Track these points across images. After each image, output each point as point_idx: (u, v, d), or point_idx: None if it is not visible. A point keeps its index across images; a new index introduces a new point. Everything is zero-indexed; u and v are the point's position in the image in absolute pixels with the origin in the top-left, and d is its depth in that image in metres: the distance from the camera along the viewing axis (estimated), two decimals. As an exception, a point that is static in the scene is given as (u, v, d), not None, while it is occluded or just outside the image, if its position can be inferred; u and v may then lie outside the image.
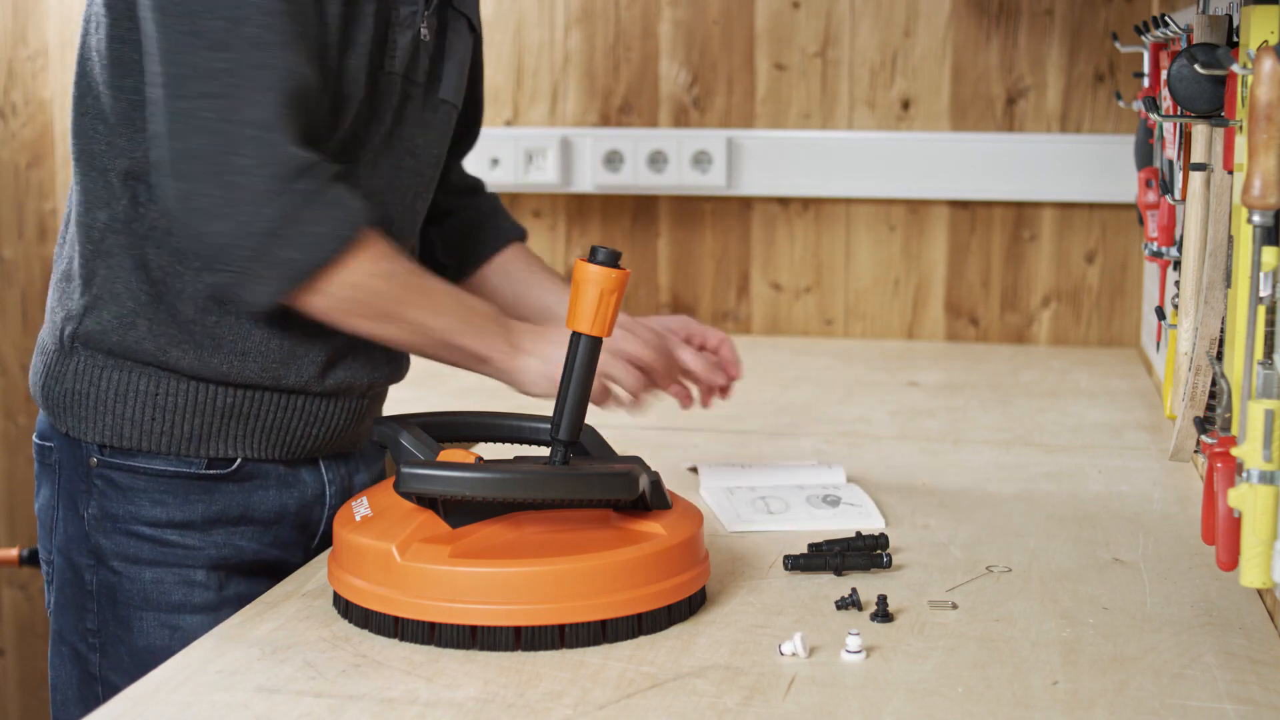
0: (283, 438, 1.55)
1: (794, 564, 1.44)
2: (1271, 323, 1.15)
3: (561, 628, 1.25)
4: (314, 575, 1.45)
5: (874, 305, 2.84)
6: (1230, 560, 1.20)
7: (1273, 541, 1.14)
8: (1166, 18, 1.87)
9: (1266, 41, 1.25)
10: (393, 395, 1.72)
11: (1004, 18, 2.74)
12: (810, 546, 1.48)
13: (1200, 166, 1.64)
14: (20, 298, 3.09)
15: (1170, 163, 1.91)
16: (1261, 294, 1.15)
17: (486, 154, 2.82)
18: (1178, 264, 1.88)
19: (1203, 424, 1.32)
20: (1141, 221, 2.07)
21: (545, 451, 1.41)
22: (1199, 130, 1.67)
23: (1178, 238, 1.90)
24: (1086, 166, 2.72)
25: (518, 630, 1.25)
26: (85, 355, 1.50)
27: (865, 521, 1.61)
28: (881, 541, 1.49)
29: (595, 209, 2.91)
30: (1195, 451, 1.83)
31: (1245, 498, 1.14)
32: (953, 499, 1.73)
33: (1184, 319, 1.78)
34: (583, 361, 1.36)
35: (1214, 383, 1.41)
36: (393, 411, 1.52)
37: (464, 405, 1.57)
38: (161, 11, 1.36)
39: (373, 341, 1.50)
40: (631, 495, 1.32)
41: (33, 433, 1.62)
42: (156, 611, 1.52)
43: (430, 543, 1.28)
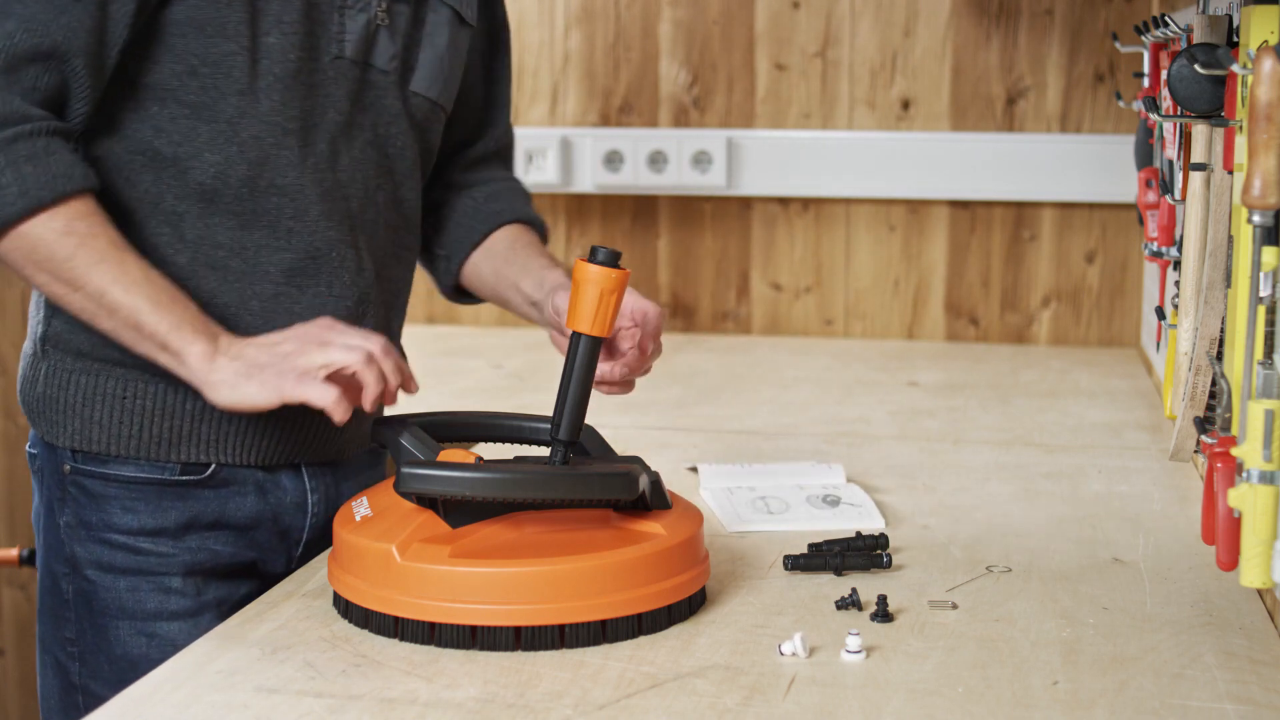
0: (259, 443, 1.52)
1: (794, 564, 1.44)
2: (1271, 323, 1.15)
3: (561, 628, 1.25)
4: (314, 575, 1.45)
5: (874, 305, 2.84)
6: (1230, 560, 1.20)
7: (1273, 541, 1.14)
8: (1166, 18, 1.87)
9: (1266, 41, 1.25)
10: (392, 395, 1.71)
11: (1004, 18, 2.74)
12: (810, 546, 1.48)
13: (1200, 166, 1.64)
14: (20, 298, 3.09)
15: (1170, 163, 1.91)
16: (1261, 294, 1.15)
17: (486, 154, 2.82)
18: (1178, 264, 1.88)
19: (1203, 424, 1.32)
20: (1141, 221, 2.07)
21: (545, 452, 1.41)
22: (1199, 130, 1.67)
23: (1178, 238, 1.90)
24: (1086, 166, 2.72)
25: (517, 630, 1.25)
26: (56, 358, 1.49)
27: (865, 521, 1.61)
28: (881, 541, 1.49)
29: (595, 209, 2.91)
30: (1195, 451, 1.83)
31: (1245, 498, 1.14)
32: (953, 499, 1.73)
33: (1184, 319, 1.78)
34: (583, 361, 1.36)
35: (1214, 383, 1.41)
36: (392, 412, 1.52)
37: (464, 405, 1.57)
38: None
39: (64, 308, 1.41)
40: (631, 495, 1.32)
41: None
42: (133, 620, 1.50)
43: (430, 543, 1.28)
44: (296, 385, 1.35)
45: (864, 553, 1.46)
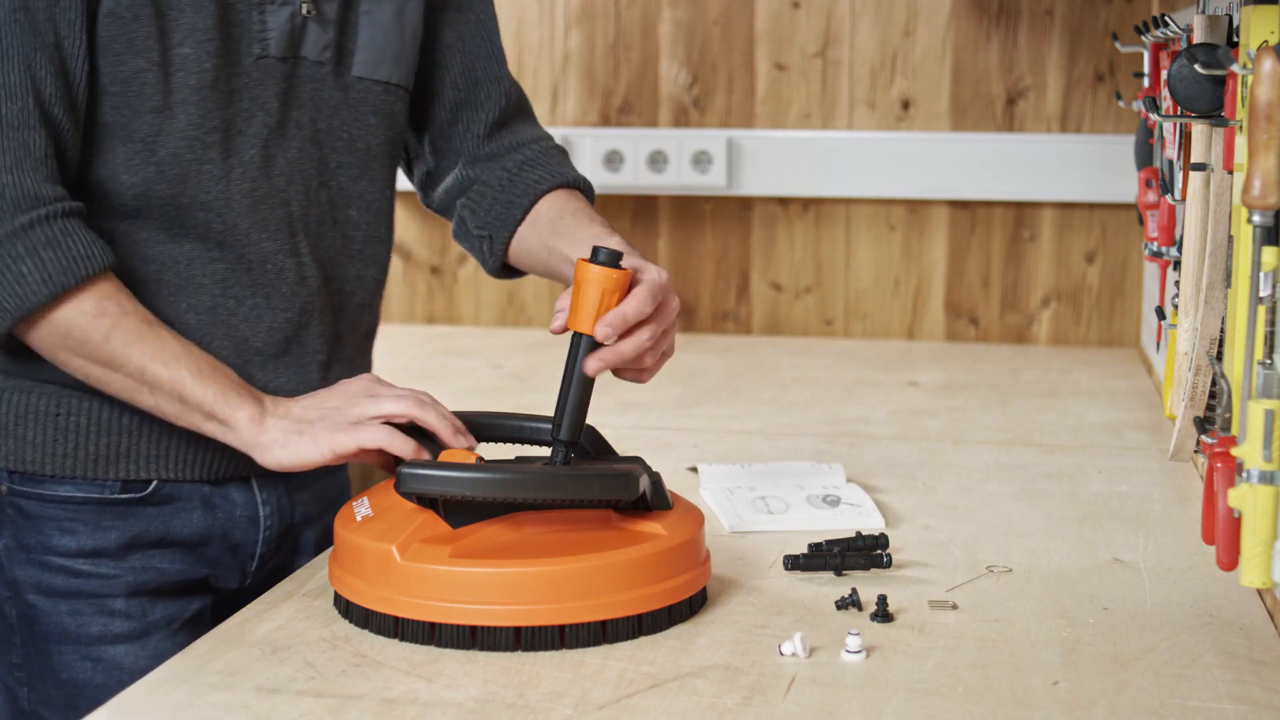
0: (202, 457, 1.48)
1: (794, 564, 1.44)
2: (1272, 323, 1.15)
3: (561, 628, 1.25)
4: (314, 575, 1.45)
5: (874, 305, 2.84)
6: (1230, 560, 1.20)
7: (1273, 541, 1.14)
8: (1166, 18, 1.87)
9: (1266, 41, 1.25)
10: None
11: (1004, 18, 2.74)
12: (810, 546, 1.48)
13: (1200, 166, 1.64)
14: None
15: (1170, 163, 1.92)
16: (1261, 294, 1.15)
17: (486, 154, 2.82)
18: (1178, 264, 1.88)
19: (1203, 424, 1.32)
20: (1141, 221, 2.07)
21: (546, 452, 1.41)
22: (1199, 130, 1.67)
23: (1178, 238, 1.90)
24: (1086, 166, 2.72)
25: (517, 631, 1.25)
26: None
27: (865, 521, 1.61)
28: (881, 541, 1.49)
29: (595, 209, 2.91)
30: (1195, 451, 1.83)
31: (1245, 498, 1.14)
32: (953, 499, 1.73)
33: (1184, 319, 1.78)
34: (584, 362, 1.36)
35: (1214, 383, 1.41)
36: None
37: (464, 406, 1.56)
38: None
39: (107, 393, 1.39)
40: (631, 496, 1.31)
41: None
42: (76, 644, 1.46)
43: (430, 543, 1.28)
44: (351, 434, 1.36)
45: (864, 553, 1.46)
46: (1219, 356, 1.56)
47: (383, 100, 1.55)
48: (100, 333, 1.34)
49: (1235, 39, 1.53)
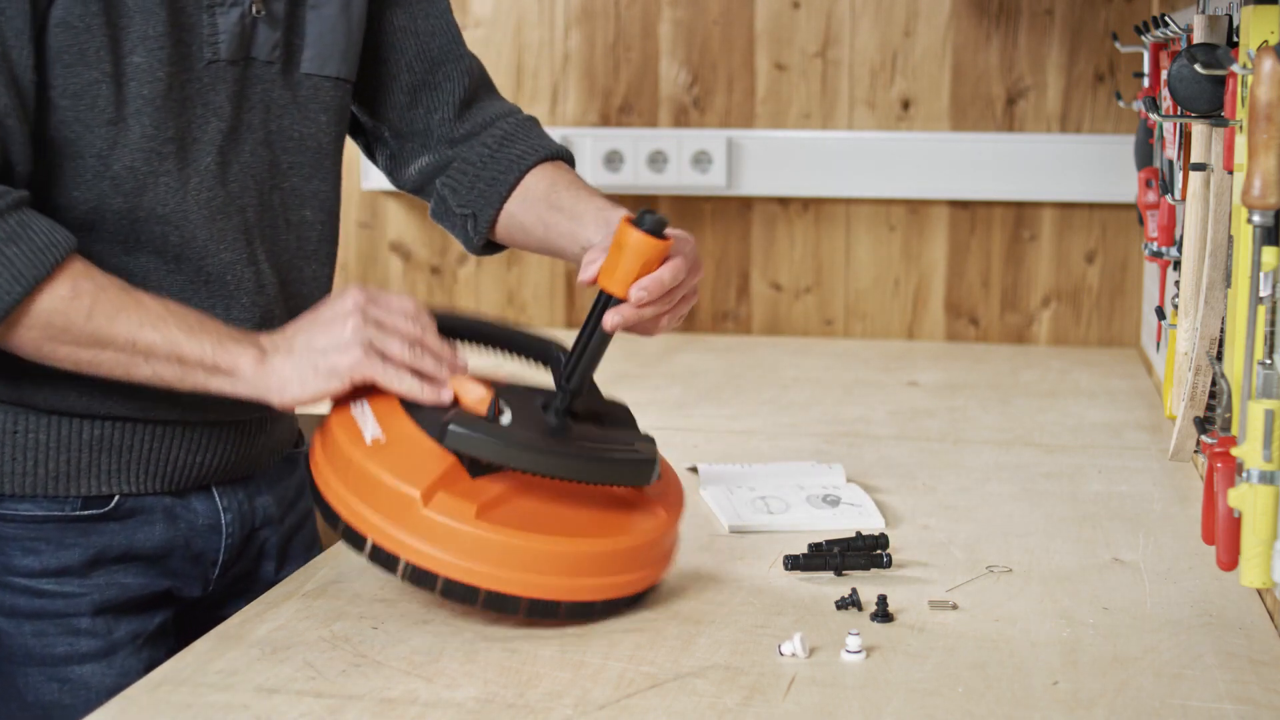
0: (163, 469, 1.46)
1: (794, 564, 1.44)
2: (1272, 323, 1.15)
3: (562, 603, 1.28)
4: (314, 575, 1.44)
5: (874, 305, 2.84)
6: (1230, 560, 1.20)
7: (1273, 541, 1.14)
8: (1166, 18, 1.88)
9: (1266, 41, 1.25)
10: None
11: (1004, 18, 2.74)
12: (810, 546, 1.48)
13: (1200, 166, 1.64)
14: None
15: (1170, 163, 1.92)
16: (1261, 294, 1.15)
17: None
18: (1178, 264, 1.89)
19: (1203, 424, 1.32)
20: (1141, 221, 2.07)
21: (548, 378, 1.42)
22: (1199, 130, 1.67)
23: (1178, 238, 1.90)
24: (1086, 166, 2.72)
25: (529, 601, 1.27)
26: None
27: (865, 521, 1.61)
28: (881, 541, 1.49)
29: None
30: (1195, 451, 1.83)
31: (1245, 498, 1.14)
32: (953, 499, 1.73)
33: (1184, 319, 1.78)
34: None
35: (1214, 383, 1.41)
36: None
37: None
38: None
39: (95, 376, 1.35)
40: (648, 483, 1.35)
41: None
42: (42, 666, 1.43)
43: (455, 497, 1.28)
44: (367, 366, 1.32)
45: (864, 553, 1.46)
46: (1219, 356, 1.56)
47: (331, 96, 1.52)
48: (81, 313, 1.30)
49: (1235, 39, 1.53)
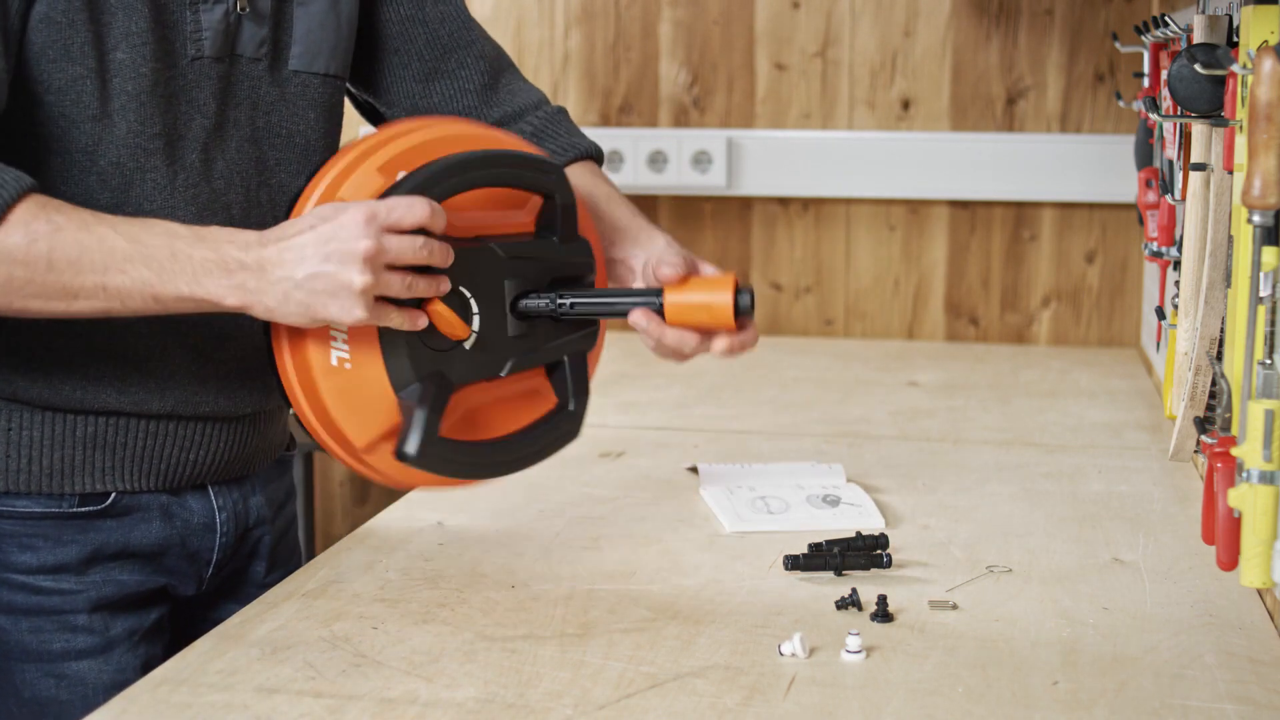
0: (158, 467, 1.45)
1: (794, 564, 1.44)
2: (1272, 323, 1.15)
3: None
4: (314, 575, 1.45)
5: (874, 305, 2.84)
6: (1230, 560, 1.20)
7: (1273, 541, 1.14)
8: (1166, 18, 1.88)
9: (1266, 41, 1.25)
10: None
11: (1004, 18, 2.75)
12: (810, 546, 1.48)
13: (1200, 166, 1.64)
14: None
15: (1170, 163, 1.92)
16: (1261, 294, 1.15)
17: (486, 154, 2.82)
18: (1178, 264, 1.89)
19: (1203, 424, 1.32)
20: (1141, 221, 2.07)
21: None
22: (1199, 130, 1.67)
23: (1178, 238, 1.90)
24: (1086, 166, 2.72)
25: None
26: None
27: (865, 521, 1.61)
28: (881, 541, 1.49)
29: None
30: (1195, 451, 1.83)
31: (1245, 498, 1.14)
32: (952, 499, 1.73)
33: (1184, 319, 1.78)
34: (636, 295, 1.49)
35: (1214, 383, 1.41)
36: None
37: None
38: None
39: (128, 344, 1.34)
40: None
41: None
42: (39, 662, 1.42)
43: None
44: (376, 314, 1.28)
45: (864, 553, 1.46)
46: (1219, 356, 1.56)
47: (320, 93, 1.51)
48: (41, 265, 1.23)
49: (1235, 39, 1.53)
